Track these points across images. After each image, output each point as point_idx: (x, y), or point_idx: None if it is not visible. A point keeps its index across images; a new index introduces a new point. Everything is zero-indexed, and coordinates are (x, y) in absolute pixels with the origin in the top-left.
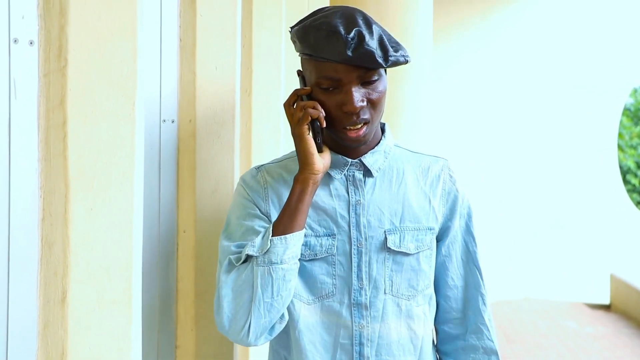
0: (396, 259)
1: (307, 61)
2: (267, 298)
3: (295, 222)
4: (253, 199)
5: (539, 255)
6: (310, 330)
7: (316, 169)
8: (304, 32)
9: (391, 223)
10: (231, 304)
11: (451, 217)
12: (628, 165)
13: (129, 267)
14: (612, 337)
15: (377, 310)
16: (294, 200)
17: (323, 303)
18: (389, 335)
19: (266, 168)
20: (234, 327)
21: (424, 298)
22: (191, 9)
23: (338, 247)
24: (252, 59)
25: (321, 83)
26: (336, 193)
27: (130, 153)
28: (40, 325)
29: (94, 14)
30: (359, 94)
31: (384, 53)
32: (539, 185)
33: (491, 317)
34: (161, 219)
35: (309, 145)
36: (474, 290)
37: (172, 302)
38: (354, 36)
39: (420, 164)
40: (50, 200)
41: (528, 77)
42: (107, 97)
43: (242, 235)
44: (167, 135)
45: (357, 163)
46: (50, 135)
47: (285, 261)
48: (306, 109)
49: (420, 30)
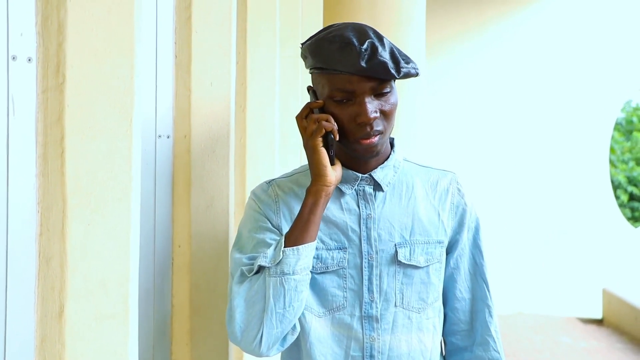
0: (407, 272)
1: (319, 75)
2: (279, 309)
3: (307, 233)
4: (264, 212)
5: (531, 270)
6: (322, 342)
7: (329, 180)
8: (317, 46)
9: (401, 236)
10: (243, 315)
11: (459, 230)
12: (619, 180)
13: (126, 282)
14: (606, 352)
15: (388, 322)
16: (306, 212)
17: (334, 316)
18: (399, 347)
19: (277, 182)
20: (247, 338)
21: (433, 311)
22: (186, 26)
23: (349, 261)
24: (246, 75)
25: (335, 95)
26: (347, 207)
27: (128, 169)
28: (38, 339)
29: (92, 32)
30: (372, 106)
31: (395, 64)
32: (531, 200)
33: (498, 328)
34: (156, 234)
35: (322, 158)
36: (481, 303)
37: (168, 316)
38: (367, 47)
39: (429, 178)
40: (48, 215)
41: (521, 91)
42: (104, 113)
43: (254, 247)
44: (162, 151)
45: (368, 178)
46: (48, 151)
47: (297, 272)
48: (320, 121)
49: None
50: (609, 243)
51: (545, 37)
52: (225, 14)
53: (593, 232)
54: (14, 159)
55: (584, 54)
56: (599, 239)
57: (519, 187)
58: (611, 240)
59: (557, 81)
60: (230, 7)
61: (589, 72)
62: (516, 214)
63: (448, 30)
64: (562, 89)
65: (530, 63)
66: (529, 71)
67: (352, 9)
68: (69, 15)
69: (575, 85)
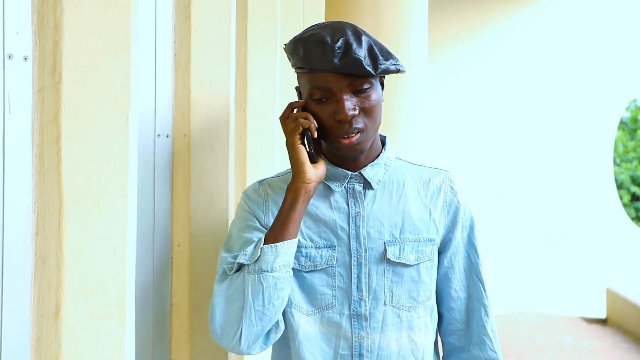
0: (396, 270)
1: (300, 75)
2: (258, 306)
3: (287, 230)
4: (254, 211)
5: (534, 269)
6: (310, 341)
7: (307, 178)
8: (295, 46)
9: (391, 235)
10: (223, 312)
11: (453, 228)
12: (621, 179)
13: (123, 281)
14: (609, 352)
15: (377, 321)
16: (286, 209)
17: (323, 314)
18: (389, 346)
19: (268, 182)
20: (226, 335)
21: (425, 309)
22: (186, 25)
23: (338, 259)
24: (247, 74)
25: (313, 94)
26: (336, 205)
27: (124, 168)
28: (34, 339)
29: (88, 30)
30: (351, 103)
31: (373, 61)
32: (535, 199)
33: (494, 327)
34: (155, 233)
35: (300, 155)
36: (477, 302)
37: (167, 316)
38: (341, 45)
39: (421, 176)
40: (44, 214)
41: (524, 91)
42: (100, 112)
43: (241, 247)
44: (161, 150)
45: (357, 176)
46: (45, 150)
47: (275, 269)
48: (298, 119)
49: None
50: (612, 242)
51: (549, 35)
52: (225, 13)
53: (597, 231)
54: (9, 158)
55: (588, 53)
56: (603, 238)
57: (522, 186)
58: (615, 240)
59: (561, 80)
60: (230, 5)
61: (593, 70)
62: (519, 213)
63: (449, 30)
64: (566, 87)
65: (533, 62)
66: (532, 70)
67: (354, 8)
68: (65, 13)
69: (579, 84)
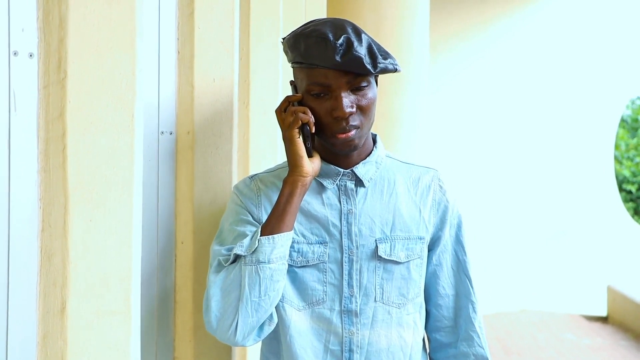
0: (387, 267)
1: (298, 70)
2: (255, 297)
3: (283, 223)
4: (246, 205)
5: (536, 267)
6: (301, 336)
7: (305, 171)
8: (295, 41)
9: (382, 232)
10: (219, 303)
11: (442, 227)
12: (623, 174)
13: (128, 277)
14: (610, 349)
15: (367, 317)
16: (283, 202)
17: (313, 310)
18: (378, 342)
19: (259, 177)
20: (222, 326)
21: (414, 306)
22: (189, 22)
23: (329, 255)
24: (249, 71)
25: (312, 89)
26: (328, 202)
27: (129, 165)
28: (40, 335)
29: (93, 27)
30: (349, 100)
31: (372, 60)
32: (536, 197)
33: (482, 324)
34: (159, 230)
35: (298, 149)
36: (465, 299)
37: (170, 313)
38: (343, 42)
39: (410, 175)
40: (50, 211)
41: (525, 88)
42: (106, 109)
43: (234, 240)
44: (165, 147)
45: (349, 173)
46: (50, 146)
47: (272, 261)
48: (297, 113)
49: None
50: (614, 240)
51: (550, 34)
52: (228, 10)
53: (598, 229)
54: (15, 155)
55: (589, 51)
56: (604, 236)
57: (524, 184)
58: (616, 238)
59: (562, 78)
60: (233, 3)
61: (594, 68)
62: (521, 211)
63: (451, 28)
64: (567, 85)
65: (535, 59)
66: (533, 68)
67: (356, 5)
68: (70, 10)
69: (580, 82)
